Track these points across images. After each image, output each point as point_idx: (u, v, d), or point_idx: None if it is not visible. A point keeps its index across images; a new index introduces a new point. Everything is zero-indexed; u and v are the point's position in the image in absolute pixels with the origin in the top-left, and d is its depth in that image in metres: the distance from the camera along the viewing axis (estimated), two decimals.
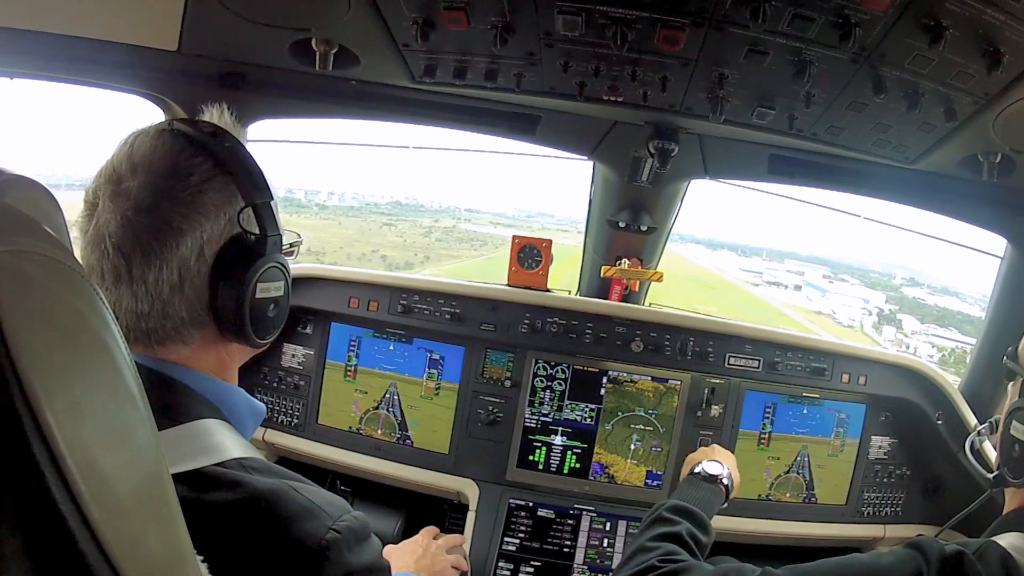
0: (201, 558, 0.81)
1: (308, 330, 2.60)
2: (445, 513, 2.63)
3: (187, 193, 1.07)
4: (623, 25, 1.45)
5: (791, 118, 1.81)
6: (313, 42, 1.73)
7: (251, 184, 1.13)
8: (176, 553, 0.72)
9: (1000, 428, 1.49)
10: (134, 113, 2.12)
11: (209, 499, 0.97)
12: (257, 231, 1.13)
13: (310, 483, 1.10)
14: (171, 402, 1.07)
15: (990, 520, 1.41)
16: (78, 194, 1.12)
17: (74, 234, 1.08)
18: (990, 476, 1.54)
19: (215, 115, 1.24)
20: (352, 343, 2.58)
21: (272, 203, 1.17)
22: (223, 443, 1.05)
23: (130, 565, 0.61)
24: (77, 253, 1.05)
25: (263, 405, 1.28)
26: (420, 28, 1.54)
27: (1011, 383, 1.53)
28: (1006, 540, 1.22)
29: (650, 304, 2.87)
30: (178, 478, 0.95)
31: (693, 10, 1.39)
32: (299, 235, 1.35)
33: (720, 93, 1.72)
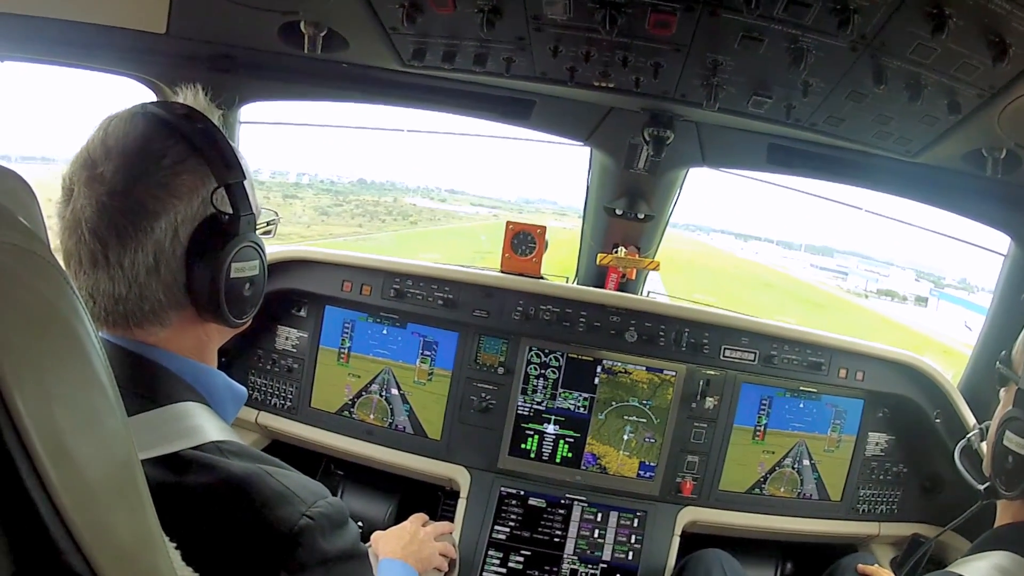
0: (175, 544, 0.82)
1: (302, 313, 2.60)
2: (438, 499, 2.63)
3: (160, 175, 1.06)
4: (612, 8, 1.41)
5: (789, 107, 1.77)
6: (302, 25, 1.70)
7: (224, 164, 1.12)
8: (145, 539, 0.73)
9: (992, 436, 1.43)
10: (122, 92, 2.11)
11: (185, 483, 0.96)
12: (231, 211, 1.13)
13: (287, 467, 1.09)
14: (151, 384, 1.07)
15: (989, 521, 1.37)
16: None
17: (52, 221, 1.08)
18: (981, 487, 1.48)
19: (189, 96, 1.22)
20: (346, 326, 2.57)
21: (245, 183, 1.16)
22: (202, 426, 1.05)
23: (99, 551, 0.62)
24: (55, 240, 1.06)
25: (244, 388, 1.27)
26: (407, 11, 1.52)
27: (1003, 389, 1.47)
28: (993, 560, 1.18)
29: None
30: (156, 461, 0.95)
31: None
32: (276, 213, 1.34)
33: (714, 80, 1.67)
